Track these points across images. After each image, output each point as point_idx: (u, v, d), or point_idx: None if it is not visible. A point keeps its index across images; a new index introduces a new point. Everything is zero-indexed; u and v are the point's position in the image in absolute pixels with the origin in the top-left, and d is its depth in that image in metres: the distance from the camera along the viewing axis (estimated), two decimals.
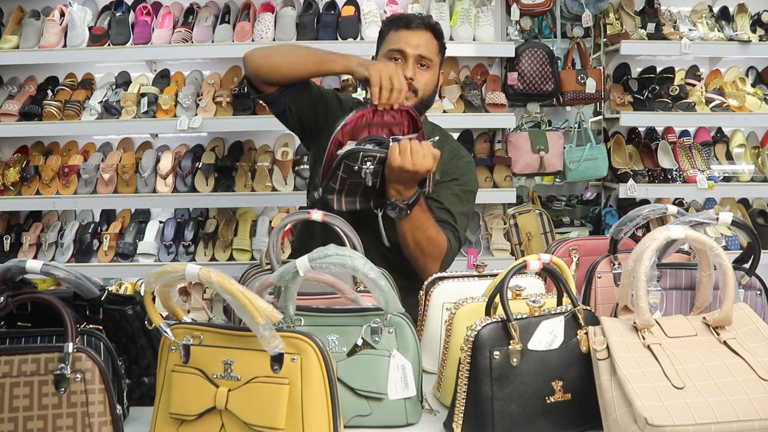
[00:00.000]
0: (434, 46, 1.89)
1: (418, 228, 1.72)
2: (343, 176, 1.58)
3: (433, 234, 1.75)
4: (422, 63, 1.86)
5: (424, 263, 1.77)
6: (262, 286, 1.23)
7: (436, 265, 1.78)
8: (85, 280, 1.28)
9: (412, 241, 1.74)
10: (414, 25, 1.86)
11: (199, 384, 1.07)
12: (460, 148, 2.02)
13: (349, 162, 1.55)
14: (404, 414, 1.21)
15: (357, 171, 1.56)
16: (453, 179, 1.90)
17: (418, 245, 1.74)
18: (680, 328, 1.17)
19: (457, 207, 1.88)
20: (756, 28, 3.37)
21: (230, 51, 3.10)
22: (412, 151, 1.55)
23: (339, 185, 1.61)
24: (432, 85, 1.89)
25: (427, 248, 1.75)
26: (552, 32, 3.46)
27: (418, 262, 1.77)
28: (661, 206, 1.52)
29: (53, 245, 3.14)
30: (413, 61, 1.84)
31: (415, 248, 1.74)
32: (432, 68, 1.88)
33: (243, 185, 3.14)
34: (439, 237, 1.77)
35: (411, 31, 1.86)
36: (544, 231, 3.26)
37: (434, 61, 1.88)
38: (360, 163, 1.56)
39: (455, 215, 1.86)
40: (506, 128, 3.32)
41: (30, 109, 3.11)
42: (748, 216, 3.41)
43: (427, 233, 1.74)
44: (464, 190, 1.91)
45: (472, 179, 1.95)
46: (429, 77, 1.87)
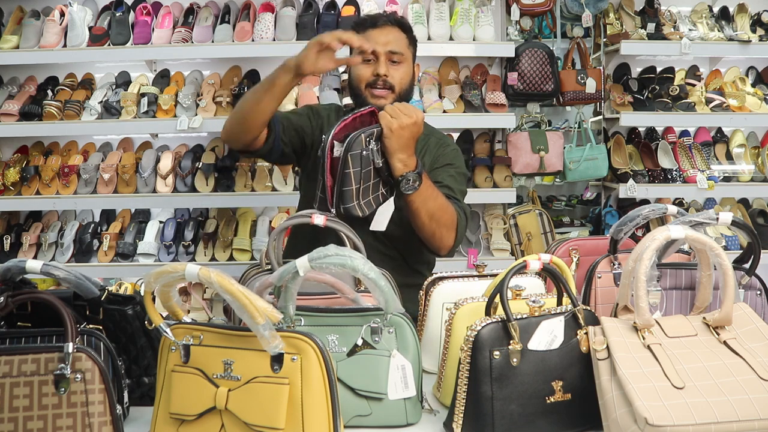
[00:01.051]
0: (403, 41, 1.93)
1: (429, 197, 1.72)
2: (355, 170, 1.53)
3: (443, 202, 1.77)
4: (394, 59, 1.89)
5: (441, 235, 1.77)
6: (262, 286, 1.23)
7: (451, 235, 1.80)
8: (85, 280, 1.28)
9: (426, 215, 1.73)
10: (380, 22, 1.91)
11: (199, 384, 1.07)
12: (445, 138, 2.08)
13: (355, 151, 1.53)
14: (404, 414, 1.21)
15: (366, 156, 1.55)
16: (446, 164, 1.94)
17: (432, 217, 1.74)
18: (680, 328, 1.17)
19: (456, 185, 1.91)
20: (756, 28, 3.36)
21: (230, 51, 3.10)
22: (400, 109, 1.62)
23: (355, 182, 1.54)
24: (408, 79, 1.93)
25: (441, 217, 1.76)
26: (552, 32, 3.46)
27: (435, 235, 1.77)
28: (661, 206, 1.52)
29: (53, 245, 3.14)
30: (385, 59, 1.89)
31: (431, 221, 1.74)
32: (405, 62, 1.92)
33: (243, 185, 3.14)
34: (448, 204, 1.79)
35: (378, 29, 1.91)
36: (544, 231, 3.26)
37: (405, 54, 1.92)
38: (365, 146, 1.54)
39: (455, 191, 1.89)
40: (506, 128, 3.32)
41: (30, 109, 3.10)
42: (748, 216, 3.41)
43: (438, 201, 1.75)
44: (458, 172, 1.95)
45: (462, 164, 2.00)
46: (403, 71, 1.92)
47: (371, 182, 1.61)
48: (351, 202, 1.54)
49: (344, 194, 1.53)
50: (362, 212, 1.58)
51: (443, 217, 1.76)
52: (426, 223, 1.74)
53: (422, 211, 1.72)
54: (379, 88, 1.89)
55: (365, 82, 1.91)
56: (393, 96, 1.90)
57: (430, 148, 1.98)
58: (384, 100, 1.87)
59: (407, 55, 1.93)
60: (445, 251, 1.82)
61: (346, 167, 1.52)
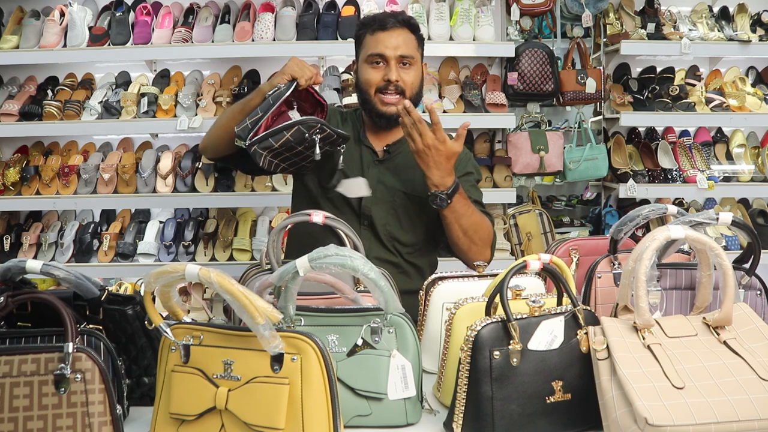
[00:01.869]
0: (413, 42, 1.89)
1: (463, 215, 1.76)
2: (290, 139, 1.62)
3: (478, 219, 1.79)
4: (404, 62, 1.86)
5: (477, 250, 1.80)
6: (262, 286, 1.23)
7: (487, 251, 1.83)
8: (85, 280, 1.28)
9: (459, 231, 1.77)
10: (389, 24, 1.86)
11: (199, 384, 1.07)
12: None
13: (303, 129, 1.62)
14: (404, 414, 1.21)
15: (307, 138, 1.64)
16: (466, 173, 1.94)
17: (466, 233, 1.77)
18: (680, 328, 1.17)
19: (479, 196, 1.93)
20: (756, 28, 3.36)
21: (230, 51, 3.10)
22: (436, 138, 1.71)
23: (279, 146, 1.63)
24: (417, 82, 1.91)
25: (476, 233, 1.78)
26: (552, 32, 3.46)
27: (471, 250, 1.80)
28: (661, 206, 1.52)
29: (53, 245, 3.14)
30: (395, 63, 1.84)
31: (464, 236, 1.77)
32: (414, 65, 1.89)
33: (243, 185, 3.14)
34: (484, 221, 1.81)
35: (387, 32, 1.85)
36: (544, 231, 3.26)
37: (415, 57, 1.89)
38: (312, 134, 1.64)
39: (481, 202, 1.92)
40: (506, 128, 3.32)
41: (30, 109, 3.11)
42: (748, 216, 3.41)
43: (472, 218, 1.78)
44: (477, 179, 1.99)
45: (478, 169, 2.02)
46: (413, 75, 1.89)
47: (290, 156, 1.70)
48: (263, 152, 1.63)
49: (265, 142, 1.62)
50: (263, 164, 1.66)
51: (477, 232, 1.79)
52: (460, 237, 1.78)
53: (455, 225, 1.76)
54: (390, 94, 1.85)
55: (374, 87, 1.86)
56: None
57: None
58: (394, 107, 1.83)
59: (416, 57, 1.90)
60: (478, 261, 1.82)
61: (287, 130, 1.61)
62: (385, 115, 1.87)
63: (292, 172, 1.90)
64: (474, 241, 1.79)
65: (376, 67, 1.86)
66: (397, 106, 1.76)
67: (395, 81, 1.84)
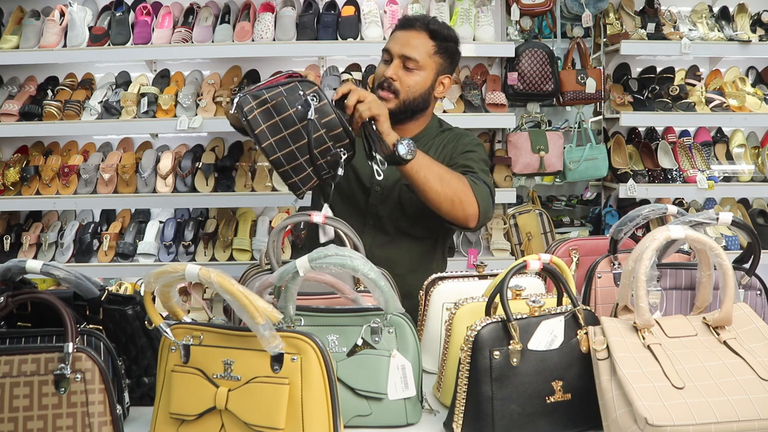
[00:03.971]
0: (427, 48, 1.83)
1: (432, 163, 1.67)
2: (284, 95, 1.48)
3: (445, 171, 1.70)
4: (407, 65, 1.82)
5: (460, 201, 1.68)
6: (262, 286, 1.23)
7: (472, 201, 1.70)
8: (85, 280, 1.28)
9: (436, 181, 1.65)
10: (409, 25, 1.84)
11: (199, 384, 1.07)
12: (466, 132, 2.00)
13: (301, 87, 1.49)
14: (404, 414, 1.21)
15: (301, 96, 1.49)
16: (465, 151, 1.88)
17: (443, 180, 1.66)
18: (680, 328, 1.17)
19: (477, 165, 1.83)
20: (756, 28, 3.36)
21: (230, 51, 3.10)
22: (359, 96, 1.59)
23: (271, 99, 1.48)
24: (419, 88, 1.84)
25: (451, 180, 1.68)
26: (552, 32, 3.46)
27: (455, 204, 1.68)
28: (661, 206, 1.52)
29: (53, 245, 3.14)
30: (398, 62, 1.82)
31: (442, 185, 1.66)
32: (420, 70, 1.83)
33: (243, 185, 3.14)
34: (455, 175, 1.71)
35: (404, 31, 1.85)
36: (544, 231, 3.26)
37: (423, 62, 1.82)
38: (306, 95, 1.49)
39: (474, 167, 1.81)
40: (506, 128, 3.32)
41: (30, 109, 3.11)
42: (748, 216, 3.41)
43: (441, 167, 1.69)
44: (480, 158, 1.88)
45: (482, 151, 1.92)
46: (416, 79, 1.83)
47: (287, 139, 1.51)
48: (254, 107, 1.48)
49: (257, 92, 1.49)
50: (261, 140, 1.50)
51: (453, 180, 1.68)
52: (439, 190, 1.66)
53: (430, 177, 1.65)
54: (384, 90, 1.83)
55: (377, 81, 1.86)
56: (396, 101, 1.82)
57: (449, 141, 1.93)
58: (386, 103, 1.79)
59: (425, 63, 1.83)
60: (474, 221, 1.72)
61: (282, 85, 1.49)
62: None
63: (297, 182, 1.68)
64: (454, 189, 1.67)
65: (385, 63, 1.85)
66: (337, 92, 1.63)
67: (389, 77, 1.81)
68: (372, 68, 3.30)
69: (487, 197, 1.77)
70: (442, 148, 1.92)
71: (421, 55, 1.83)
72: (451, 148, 1.91)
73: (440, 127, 1.99)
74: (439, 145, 1.93)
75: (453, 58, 1.91)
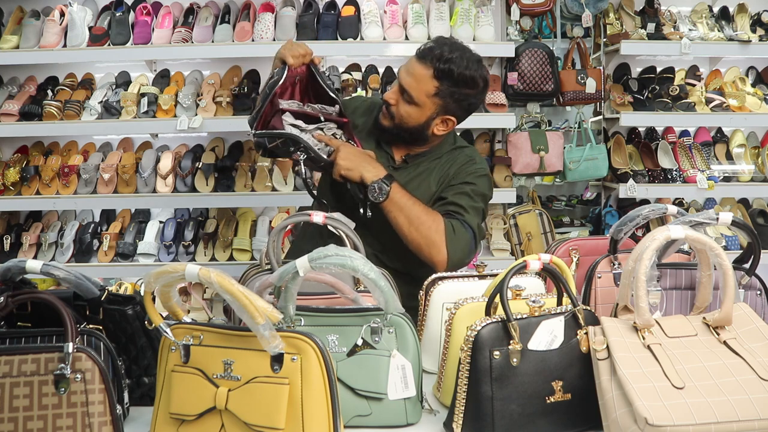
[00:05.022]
0: (427, 87, 1.77)
1: (405, 206, 1.72)
2: (279, 146, 1.71)
3: (422, 212, 1.72)
4: (404, 96, 1.80)
5: (428, 247, 1.71)
6: (262, 287, 1.23)
7: (441, 247, 1.71)
8: (85, 280, 1.28)
9: (405, 224, 1.71)
10: (422, 56, 1.78)
11: (199, 384, 1.07)
12: (477, 158, 1.95)
13: (290, 143, 1.70)
14: (404, 414, 1.21)
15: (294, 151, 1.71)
16: (463, 182, 1.86)
17: (411, 225, 1.71)
18: (680, 328, 1.17)
19: (466, 201, 1.81)
20: (756, 28, 3.37)
21: (230, 51, 3.10)
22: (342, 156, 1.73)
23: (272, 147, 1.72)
24: (412, 120, 1.81)
25: (421, 226, 1.71)
26: (552, 32, 3.46)
27: (422, 247, 1.72)
28: (661, 206, 1.52)
29: (53, 245, 3.14)
30: (397, 88, 1.82)
31: (410, 229, 1.71)
32: (417, 106, 1.79)
33: (243, 185, 3.14)
34: (431, 216, 1.73)
35: (417, 61, 1.79)
36: (544, 231, 3.26)
37: (419, 99, 1.78)
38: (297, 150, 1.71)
39: (464, 207, 1.80)
40: (506, 128, 3.32)
41: (30, 109, 3.11)
42: (748, 216, 3.41)
43: (415, 210, 1.72)
44: (475, 191, 1.85)
45: (483, 183, 1.89)
46: (410, 111, 1.80)
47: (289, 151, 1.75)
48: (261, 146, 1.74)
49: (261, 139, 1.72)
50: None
51: (425, 225, 1.71)
52: (407, 233, 1.72)
53: (399, 220, 1.72)
54: (384, 108, 1.85)
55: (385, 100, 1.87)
56: (391, 123, 1.84)
57: (455, 162, 1.91)
58: (383, 120, 1.86)
59: (422, 101, 1.78)
60: (442, 266, 1.72)
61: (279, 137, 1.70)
62: (380, 127, 1.88)
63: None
64: (421, 234, 1.71)
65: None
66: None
67: (385, 99, 1.83)
68: (372, 68, 3.30)
69: (465, 245, 1.75)
70: (448, 167, 1.90)
71: (417, 93, 1.78)
72: (454, 172, 1.88)
73: (453, 144, 1.96)
74: (445, 164, 1.91)
75: (461, 104, 1.82)
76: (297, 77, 1.82)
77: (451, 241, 1.72)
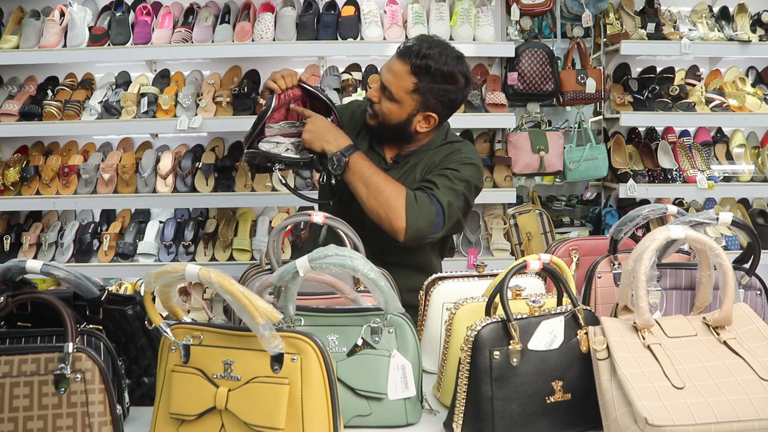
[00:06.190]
0: (404, 83, 1.77)
1: (363, 176, 1.74)
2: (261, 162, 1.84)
3: (382, 181, 1.74)
4: (385, 92, 1.81)
5: (387, 216, 1.71)
6: (262, 287, 1.23)
7: (400, 216, 1.70)
8: (85, 280, 1.28)
9: (363, 192, 1.74)
10: (401, 53, 1.80)
11: (199, 384, 1.07)
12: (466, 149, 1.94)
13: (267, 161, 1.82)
14: (404, 414, 1.21)
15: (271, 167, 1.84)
16: (445, 168, 1.85)
17: (370, 194, 1.73)
18: (680, 328, 1.17)
19: (442, 181, 1.80)
20: (756, 28, 3.37)
21: (230, 51, 3.10)
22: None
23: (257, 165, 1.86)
24: (393, 117, 1.82)
25: (378, 197, 1.72)
26: (552, 32, 3.46)
27: (381, 217, 1.73)
28: (661, 206, 1.52)
29: (53, 245, 3.14)
30: (379, 86, 1.83)
31: (368, 198, 1.73)
32: (396, 102, 1.80)
33: (243, 185, 3.14)
34: (392, 185, 1.74)
35: (395, 59, 1.81)
36: (544, 231, 3.26)
37: (398, 96, 1.78)
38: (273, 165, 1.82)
39: (437, 184, 1.78)
40: (506, 128, 3.32)
41: (30, 109, 3.11)
42: (748, 216, 3.41)
43: (375, 179, 1.74)
44: (456, 175, 1.82)
45: (466, 170, 1.85)
46: (391, 107, 1.81)
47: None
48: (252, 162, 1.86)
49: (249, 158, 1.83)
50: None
51: (384, 193, 1.71)
52: (365, 201, 1.74)
53: (358, 189, 1.75)
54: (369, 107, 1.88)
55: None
56: (375, 121, 1.86)
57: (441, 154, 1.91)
58: (368, 119, 1.89)
59: (401, 98, 1.78)
60: (401, 234, 1.71)
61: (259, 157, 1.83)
62: (367, 127, 1.92)
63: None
64: (381, 203, 1.72)
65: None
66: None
67: (367, 97, 1.87)
68: (372, 68, 3.30)
69: (428, 216, 1.73)
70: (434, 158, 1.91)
71: (397, 89, 1.78)
72: (438, 161, 1.89)
73: (444, 139, 1.96)
74: (432, 158, 1.91)
75: (441, 99, 1.80)
76: (291, 101, 1.87)
77: (412, 208, 1.71)
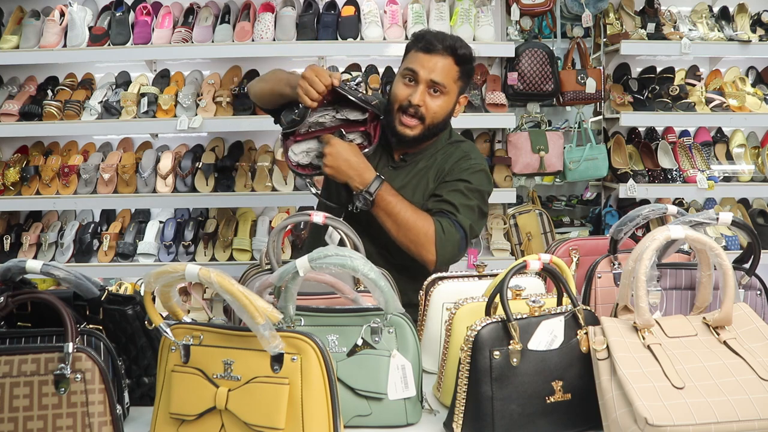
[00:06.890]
0: (453, 73, 1.82)
1: (391, 213, 1.74)
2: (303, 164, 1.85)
3: (410, 215, 1.75)
4: (435, 88, 1.80)
5: (417, 249, 1.75)
6: (262, 286, 1.23)
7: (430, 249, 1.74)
8: (85, 280, 1.28)
9: (393, 228, 1.75)
10: (433, 50, 1.79)
11: (199, 384, 1.07)
12: (473, 153, 1.95)
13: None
14: (404, 414, 1.21)
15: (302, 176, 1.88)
16: (458, 179, 1.85)
17: (399, 230, 1.75)
18: (680, 328, 1.17)
19: (459, 199, 1.81)
20: (756, 28, 3.37)
21: (230, 51, 3.10)
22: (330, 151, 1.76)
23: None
24: (443, 112, 1.84)
25: (409, 231, 1.74)
26: (552, 32, 3.46)
27: (411, 249, 1.76)
28: (661, 206, 1.52)
29: (53, 245, 3.14)
30: (424, 86, 1.79)
31: (399, 234, 1.75)
32: (446, 94, 1.82)
33: (243, 185, 3.14)
34: (421, 218, 1.75)
35: (429, 55, 1.80)
36: (544, 231, 3.26)
37: (449, 87, 1.82)
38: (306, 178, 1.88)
39: (457, 206, 1.80)
40: (506, 128, 3.32)
41: (30, 109, 3.11)
42: (748, 216, 3.41)
43: (403, 215, 1.74)
44: (469, 187, 1.84)
45: (478, 179, 1.87)
46: (441, 103, 1.82)
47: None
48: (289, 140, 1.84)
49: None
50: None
51: (415, 227, 1.74)
52: (395, 234, 1.76)
53: (388, 223, 1.76)
54: (409, 116, 1.81)
55: (399, 104, 1.82)
56: (421, 127, 1.82)
57: (451, 157, 1.91)
58: (410, 130, 1.82)
59: (451, 88, 1.82)
60: (431, 266, 1.75)
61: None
62: (399, 135, 1.84)
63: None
64: (409, 239, 1.75)
65: (408, 84, 1.81)
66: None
67: (416, 104, 1.79)
68: (372, 68, 3.30)
69: (455, 245, 1.77)
70: (444, 162, 1.90)
71: (448, 81, 1.81)
72: (449, 167, 1.89)
73: (449, 138, 1.97)
74: (442, 160, 1.91)
75: (471, 77, 1.92)
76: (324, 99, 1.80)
77: (441, 241, 1.75)
